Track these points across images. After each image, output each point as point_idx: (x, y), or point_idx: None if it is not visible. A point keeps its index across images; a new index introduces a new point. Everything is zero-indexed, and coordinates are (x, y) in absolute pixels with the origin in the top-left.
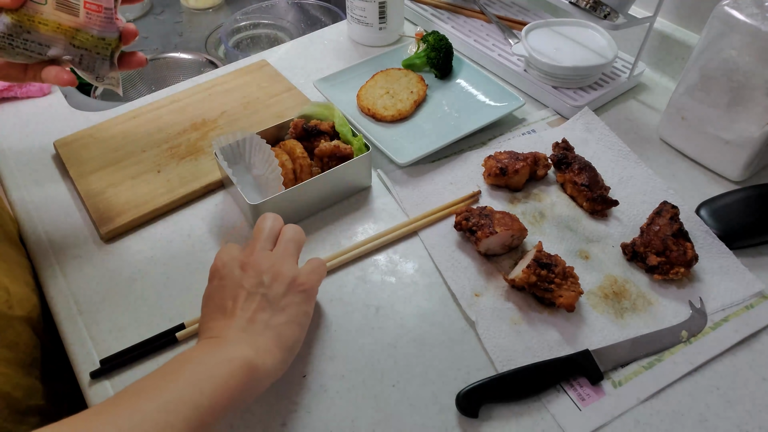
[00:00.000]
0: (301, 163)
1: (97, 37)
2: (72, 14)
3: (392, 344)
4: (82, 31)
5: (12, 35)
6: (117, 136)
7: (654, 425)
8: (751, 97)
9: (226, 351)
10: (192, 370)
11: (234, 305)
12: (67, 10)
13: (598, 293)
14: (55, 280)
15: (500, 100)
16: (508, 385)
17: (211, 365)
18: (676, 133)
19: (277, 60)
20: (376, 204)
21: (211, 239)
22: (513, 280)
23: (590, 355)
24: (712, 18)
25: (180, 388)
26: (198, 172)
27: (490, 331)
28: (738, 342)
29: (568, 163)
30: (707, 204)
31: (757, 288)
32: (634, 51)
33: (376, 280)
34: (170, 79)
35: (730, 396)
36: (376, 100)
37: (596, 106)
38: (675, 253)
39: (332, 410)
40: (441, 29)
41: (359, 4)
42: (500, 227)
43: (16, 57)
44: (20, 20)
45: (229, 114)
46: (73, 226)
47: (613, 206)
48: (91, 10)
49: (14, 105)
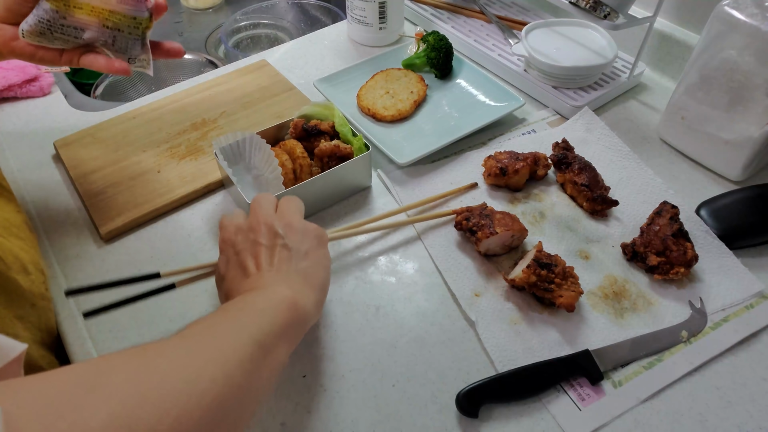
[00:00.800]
0: (301, 163)
1: (129, 17)
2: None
3: (392, 344)
4: (115, 12)
5: (50, 21)
6: (117, 136)
7: (654, 425)
8: (751, 97)
9: (266, 293)
10: (240, 311)
11: (257, 262)
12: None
13: (598, 293)
14: (55, 280)
15: (500, 100)
16: (508, 385)
17: (256, 305)
18: (676, 133)
19: (277, 60)
20: (376, 204)
21: (211, 239)
22: (513, 280)
23: (590, 355)
24: (712, 18)
25: (239, 325)
26: (198, 172)
27: (490, 331)
28: (738, 342)
29: (568, 163)
30: (707, 204)
31: (757, 288)
32: (634, 51)
33: (376, 280)
34: (170, 79)
35: (730, 396)
36: (376, 100)
37: (596, 106)
38: (675, 253)
39: (332, 410)
40: (441, 29)
41: (359, 4)
42: (500, 227)
43: (54, 42)
44: (58, 6)
45: (229, 114)
46: (73, 226)
47: (613, 206)
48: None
49: (14, 105)
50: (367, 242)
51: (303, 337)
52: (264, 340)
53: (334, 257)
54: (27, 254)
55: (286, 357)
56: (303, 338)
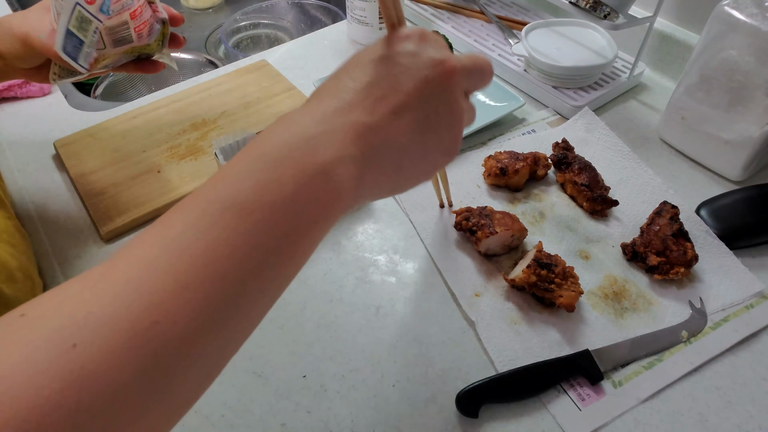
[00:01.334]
0: None
1: (151, 40)
2: (127, 42)
3: (392, 344)
4: (138, 47)
5: (80, 73)
6: (117, 136)
7: (654, 425)
8: (751, 97)
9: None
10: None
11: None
12: (122, 42)
13: (598, 293)
14: (55, 280)
15: (500, 100)
16: (508, 385)
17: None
18: (676, 133)
19: (277, 60)
20: (376, 204)
21: None
22: (513, 280)
23: (590, 355)
24: (712, 18)
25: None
26: (198, 172)
27: (490, 331)
28: (738, 342)
29: (568, 163)
30: (707, 204)
31: (757, 288)
32: (634, 51)
33: (376, 280)
34: (170, 79)
35: (730, 396)
36: None
37: (596, 106)
38: (675, 253)
39: (332, 410)
40: (441, 29)
41: (359, 4)
42: (500, 227)
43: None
44: (89, 69)
45: (229, 114)
46: (73, 226)
47: (613, 206)
48: (140, 29)
49: (14, 105)
50: (367, 242)
51: (292, 321)
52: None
53: (334, 257)
54: (16, 261)
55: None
56: (303, 338)
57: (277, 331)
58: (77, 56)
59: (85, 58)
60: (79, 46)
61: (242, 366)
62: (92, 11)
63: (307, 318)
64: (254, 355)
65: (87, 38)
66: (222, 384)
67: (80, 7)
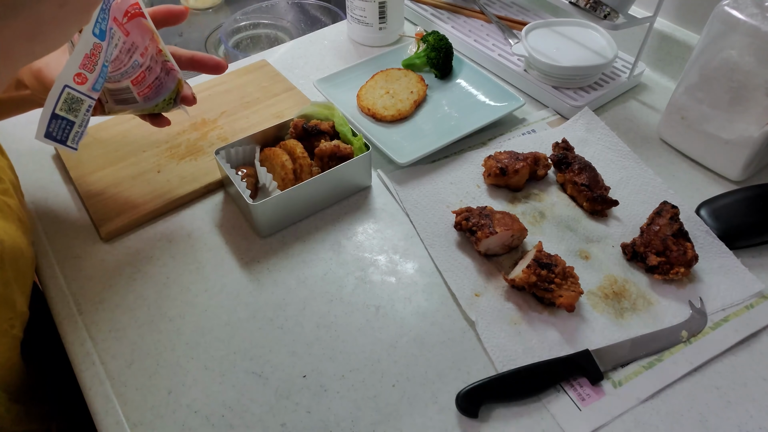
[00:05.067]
0: (301, 163)
1: (159, 100)
2: (130, 103)
3: (392, 344)
4: (147, 107)
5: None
6: (117, 136)
7: (654, 425)
8: (751, 97)
9: None
10: None
11: None
12: (125, 104)
13: (598, 293)
14: (54, 280)
15: (500, 100)
16: (508, 385)
17: None
18: (676, 133)
19: (277, 60)
20: (376, 204)
21: (211, 239)
22: (513, 280)
23: (590, 355)
24: (712, 18)
25: None
26: (198, 172)
27: (490, 331)
28: (738, 342)
29: (568, 163)
30: (707, 204)
31: (757, 288)
32: (634, 51)
33: (376, 280)
34: None
35: (730, 396)
36: (376, 100)
37: (596, 106)
38: (675, 253)
39: (332, 410)
40: (441, 29)
41: (359, 4)
42: (500, 227)
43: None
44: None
45: (229, 114)
46: (73, 226)
47: (613, 206)
48: (145, 93)
49: None
50: (367, 242)
51: (292, 321)
52: None
53: (334, 257)
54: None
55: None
56: (302, 338)
57: (277, 331)
58: (65, 138)
59: (75, 138)
60: (69, 128)
61: (242, 366)
62: (83, 91)
63: (307, 318)
64: (254, 355)
65: (78, 118)
66: (222, 384)
67: (69, 89)
